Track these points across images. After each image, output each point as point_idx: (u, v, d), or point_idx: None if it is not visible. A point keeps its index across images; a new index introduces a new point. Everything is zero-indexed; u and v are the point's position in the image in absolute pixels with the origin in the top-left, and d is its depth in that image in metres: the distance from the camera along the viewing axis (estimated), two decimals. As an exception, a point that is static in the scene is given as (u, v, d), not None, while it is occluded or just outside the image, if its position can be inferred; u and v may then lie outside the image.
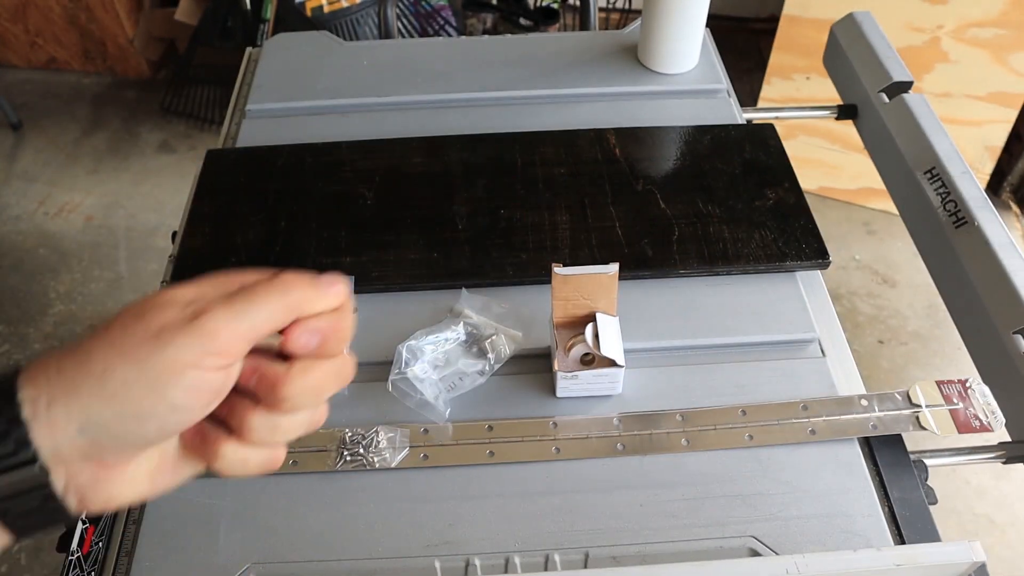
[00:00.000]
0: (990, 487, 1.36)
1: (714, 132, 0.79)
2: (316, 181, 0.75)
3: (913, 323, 1.63)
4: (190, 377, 0.27)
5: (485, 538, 0.52)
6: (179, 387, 0.27)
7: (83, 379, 0.27)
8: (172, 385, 0.27)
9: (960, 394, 0.57)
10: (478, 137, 0.79)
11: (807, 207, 0.71)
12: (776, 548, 0.51)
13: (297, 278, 0.30)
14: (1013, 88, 1.61)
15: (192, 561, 0.51)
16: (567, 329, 0.58)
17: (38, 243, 1.83)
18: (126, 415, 0.27)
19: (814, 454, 0.55)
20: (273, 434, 0.31)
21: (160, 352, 0.27)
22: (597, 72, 0.88)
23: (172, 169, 2.00)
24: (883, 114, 0.78)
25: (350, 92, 0.86)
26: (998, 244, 0.63)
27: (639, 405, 0.58)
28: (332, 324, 0.31)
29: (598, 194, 0.72)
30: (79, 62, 2.26)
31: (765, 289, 0.66)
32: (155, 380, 0.27)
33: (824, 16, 1.65)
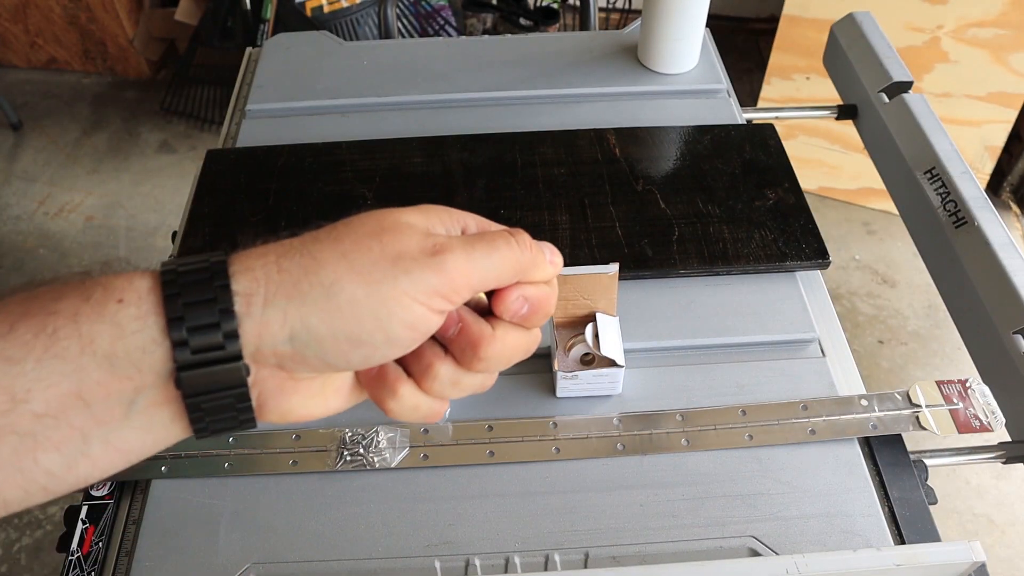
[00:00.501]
0: (990, 487, 1.36)
1: (714, 132, 0.79)
2: (316, 181, 0.75)
3: (913, 323, 1.63)
4: (416, 312, 0.26)
5: (485, 538, 0.52)
6: (403, 320, 0.26)
7: (309, 287, 0.25)
8: (397, 316, 0.26)
9: (960, 394, 0.57)
10: (478, 137, 0.79)
11: (807, 207, 0.71)
12: (776, 548, 0.51)
13: (530, 240, 0.29)
14: (1013, 88, 1.60)
15: (192, 561, 0.51)
16: (567, 329, 0.58)
17: (38, 243, 1.83)
18: (342, 335, 0.25)
19: (814, 454, 0.55)
20: (452, 388, 0.30)
21: (394, 279, 0.25)
22: (597, 72, 0.88)
23: (172, 169, 2.00)
24: (883, 114, 0.78)
25: (350, 92, 0.86)
26: (998, 244, 0.63)
27: (639, 405, 0.58)
28: (544, 296, 0.30)
29: (598, 194, 0.72)
30: (79, 62, 2.26)
31: (765, 289, 0.66)
32: (382, 306, 0.25)
33: (824, 16, 1.65)
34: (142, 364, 0.24)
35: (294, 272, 0.25)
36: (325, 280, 0.25)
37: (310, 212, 0.72)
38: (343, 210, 0.71)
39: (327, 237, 0.26)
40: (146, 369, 0.24)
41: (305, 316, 0.25)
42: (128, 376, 0.24)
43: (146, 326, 0.24)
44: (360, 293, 0.25)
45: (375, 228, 0.26)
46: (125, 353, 0.23)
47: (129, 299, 0.24)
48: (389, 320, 0.26)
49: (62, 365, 0.23)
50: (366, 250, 0.26)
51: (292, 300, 0.25)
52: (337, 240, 0.26)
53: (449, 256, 0.26)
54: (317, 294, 0.25)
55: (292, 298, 0.25)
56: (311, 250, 0.26)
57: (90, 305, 0.23)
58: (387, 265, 0.26)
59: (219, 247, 0.68)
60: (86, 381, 0.23)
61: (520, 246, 0.29)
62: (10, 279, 1.75)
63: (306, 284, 0.25)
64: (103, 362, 0.23)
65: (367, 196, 0.73)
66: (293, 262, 0.25)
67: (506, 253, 0.28)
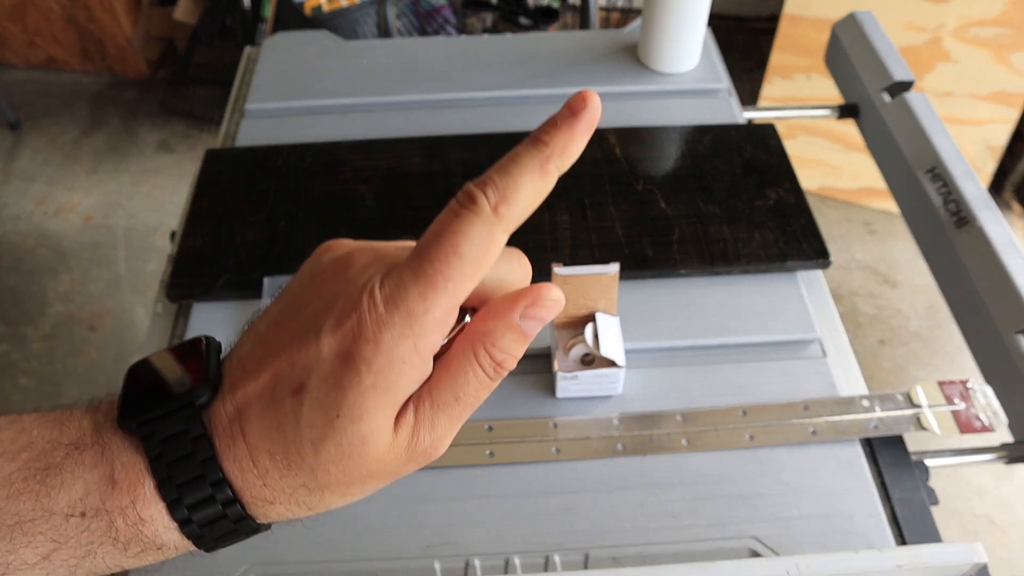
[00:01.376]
0: (991, 487, 1.36)
1: (714, 132, 0.79)
2: (316, 181, 0.75)
3: (914, 323, 1.63)
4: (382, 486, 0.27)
5: (485, 539, 0.52)
6: None
7: (305, 510, 0.27)
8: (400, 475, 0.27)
9: (962, 394, 0.57)
10: (478, 137, 0.78)
11: (807, 207, 0.71)
12: (777, 549, 0.51)
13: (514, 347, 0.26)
14: (1015, 87, 1.60)
15: (190, 561, 0.51)
16: (567, 329, 0.58)
17: (37, 243, 1.83)
18: None
19: (815, 454, 0.55)
20: None
21: (388, 482, 0.26)
22: (597, 72, 0.88)
23: (171, 169, 2.00)
24: (884, 113, 0.78)
25: (350, 92, 0.86)
26: (1000, 244, 0.63)
27: (639, 405, 0.58)
28: None
29: (598, 194, 0.72)
30: (78, 61, 2.25)
31: (766, 289, 0.66)
32: (387, 482, 0.27)
33: (825, 15, 1.65)
34: (163, 552, 0.27)
35: (302, 512, 0.27)
36: (325, 508, 0.27)
37: (310, 212, 0.72)
38: (343, 210, 0.72)
39: (318, 487, 0.25)
40: (168, 551, 0.27)
41: (305, 515, 0.27)
42: (149, 558, 0.27)
43: (184, 549, 0.27)
44: (356, 499, 0.27)
45: (360, 474, 0.25)
46: (152, 556, 0.27)
47: (168, 548, 0.26)
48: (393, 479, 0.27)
49: (92, 569, 0.26)
50: (360, 484, 0.26)
51: (295, 515, 0.27)
52: (331, 489, 0.26)
53: (439, 450, 0.26)
54: (319, 511, 0.27)
55: (295, 514, 0.27)
56: (314, 501, 0.26)
57: (129, 557, 0.26)
58: (387, 480, 0.26)
59: (218, 247, 0.69)
60: (110, 568, 0.26)
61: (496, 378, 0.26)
62: (9, 279, 1.75)
63: (308, 511, 0.27)
64: (132, 561, 0.26)
65: (367, 196, 0.73)
66: (299, 507, 0.26)
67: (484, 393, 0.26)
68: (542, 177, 0.26)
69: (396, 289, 0.24)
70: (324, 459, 0.24)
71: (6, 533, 0.24)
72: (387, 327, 0.23)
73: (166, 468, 0.25)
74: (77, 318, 1.67)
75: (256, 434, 0.25)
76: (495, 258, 0.25)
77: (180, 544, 0.26)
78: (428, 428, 0.25)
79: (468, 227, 0.24)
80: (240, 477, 0.25)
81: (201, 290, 0.66)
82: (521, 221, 0.25)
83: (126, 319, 1.66)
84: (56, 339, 1.63)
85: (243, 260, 0.68)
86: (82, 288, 1.73)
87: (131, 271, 1.76)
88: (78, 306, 1.69)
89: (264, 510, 0.26)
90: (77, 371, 1.57)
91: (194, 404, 0.25)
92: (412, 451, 0.25)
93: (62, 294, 1.72)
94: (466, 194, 0.25)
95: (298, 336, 0.25)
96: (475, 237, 0.24)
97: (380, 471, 0.25)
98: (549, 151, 0.26)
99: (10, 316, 1.67)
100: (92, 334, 1.64)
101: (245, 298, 0.66)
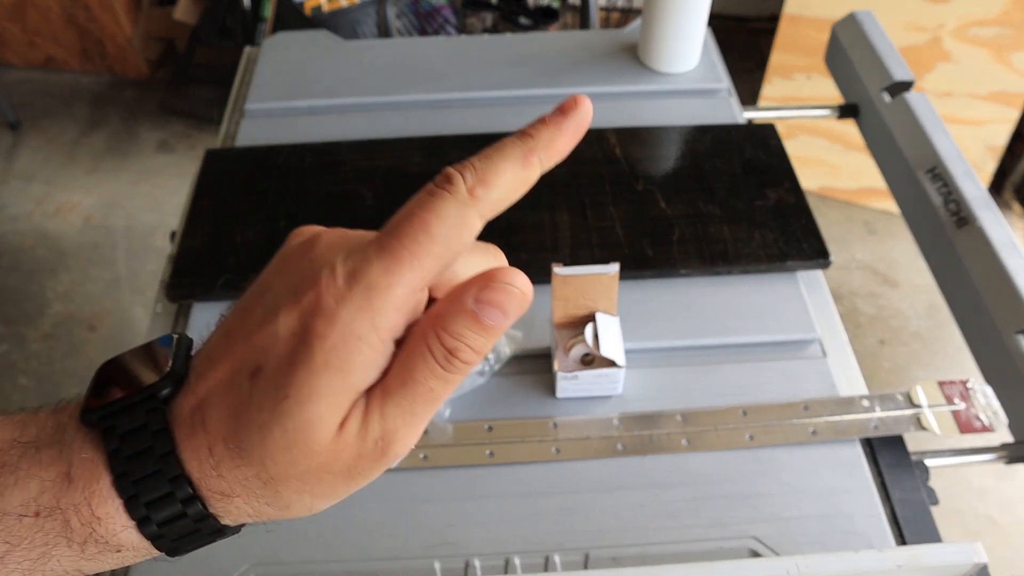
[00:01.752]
0: (992, 488, 1.36)
1: (715, 132, 0.79)
2: (316, 181, 0.75)
3: (915, 323, 1.63)
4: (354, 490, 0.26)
5: (485, 539, 0.52)
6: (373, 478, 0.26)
7: (288, 518, 0.26)
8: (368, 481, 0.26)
9: (962, 394, 0.57)
10: (478, 137, 0.78)
11: (808, 207, 0.71)
12: (777, 549, 0.51)
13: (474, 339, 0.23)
14: (1015, 87, 1.60)
15: (190, 562, 0.51)
16: (567, 329, 0.58)
17: (36, 243, 1.83)
18: None
19: (815, 454, 0.55)
20: None
21: (356, 485, 0.25)
22: (597, 72, 0.88)
23: (171, 169, 2.00)
24: (884, 113, 0.78)
25: (350, 91, 0.86)
26: (1000, 244, 0.62)
27: (639, 405, 0.58)
28: None
29: (598, 194, 0.72)
30: (77, 61, 2.25)
31: (766, 289, 0.66)
32: (351, 491, 0.25)
33: (825, 15, 1.65)
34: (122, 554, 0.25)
35: (267, 513, 0.25)
36: (300, 511, 0.26)
37: (310, 212, 0.72)
38: (343, 210, 0.71)
39: (271, 481, 0.24)
40: (127, 553, 0.25)
41: (273, 518, 0.26)
42: (109, 562, 0.25)
43: (146, 553, 0.26)
44: (333, 501, 0.26)
45: (309, 465, 0.24)
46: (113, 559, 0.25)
47: (126, 550, 0.25)
48: (360, 485, 0.26)
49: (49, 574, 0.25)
50: (318, 482, 0.24)
51: (260, 517, 0.26)
52: (285, 483, 0.24)
53: (395, 446, 0.24)
54: (286, 515, 0.26)
55: (259, 516, 0.26)
56: (271, 496, 0.25)
57: (86, 559, 0.25)
58: (344, 480, 0.25)
59: (218, 247, 0.69)
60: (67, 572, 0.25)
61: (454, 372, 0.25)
62: (8, 279, 1.75)
63: (285, 519, 0.26)
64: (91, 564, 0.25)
65: (367, 196, 0.73)
66: (264, 506, 0.25)
67: (443, 388, 0.25)
68: (524, 167, 0.25)
69: (359, 263, 0.23)
70: (271, 446, 0.23)
71: None
72: (345, 301, 0.22)
73: (123, 463, 0.24)
74: (76, 318, 1.67)
75: (214, 421, 0.24)
76: (467, 243, 0.24)
77: (139, 545, 0.25)
78: (377, 417, 0.23)
79: (441, 205, 0.23)
80: (198, 469, 0.24)
81: (201, 290, 0.66)
82: (498, 209, 0.24)
83: (126, 319, 1.66)
84: (55, 339, 1.63)
85: (243, 260, 0.68)
86: (81, 288, 1.73)
87: (131, 271, 1.76)
88: (77, 306, 1.69)
89: (224, 505, 0.25)
90: (77, 371, 1.57)
91: (156, 397, 0.24)
92: (362, 443, 0.23)
93: (61, 294, 1.71)
94: (443, 175, 0.24)
95: (259, 320, 0.24)
96: (447, 217, 0.23)
97: (330, 464, 0.24)
98: (534, 143, 0.25)
99: (9, 316, 1.67)
100: (92, 334, 1.63)
101: (245, 298, 0.66)
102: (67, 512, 0.23)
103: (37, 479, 0.24)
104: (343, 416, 0.23)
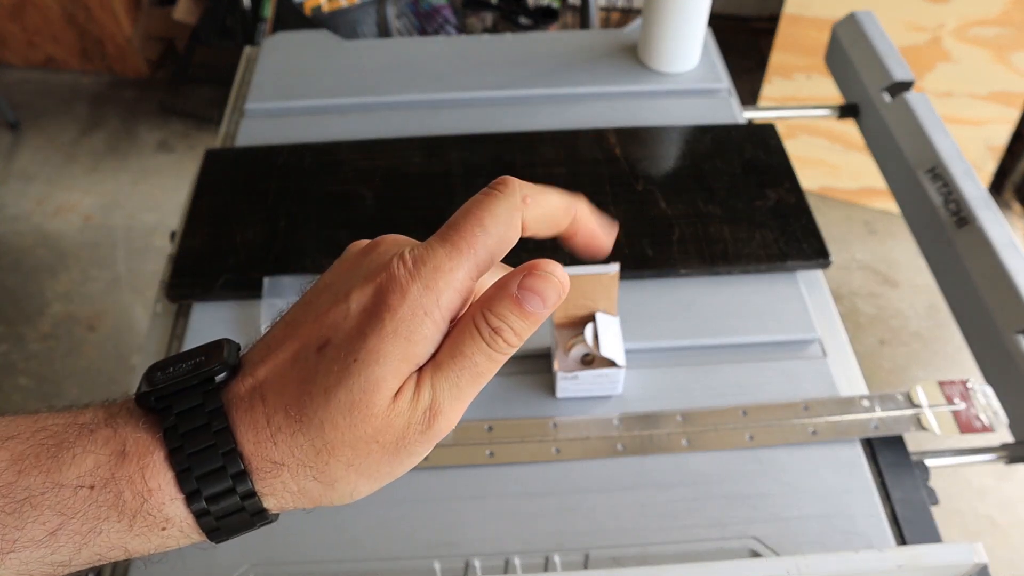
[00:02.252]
0: (992, 488, 1.36)
1: (715, 132, 0.79)
2: (316, 181, 0.75)
3: (915, 323, 1.63)
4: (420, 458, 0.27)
5: (485, 539, 0.52)
6: (412, 466, 0.27)
7: (329, 500, 0.27)
8: (405, 470, 0.27)
9: (962, 394, 0.57)
10: (478, 137, 0.78)
11: (808, 207, 0.71)
12: (777, 549, 0.51)
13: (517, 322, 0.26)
14: (1015, 87, 1.60)
15: (190, 562, 0.51)
16: (567, 329, 0.58)
17: (36, 243, 1.82)
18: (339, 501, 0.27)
19: (815, 455, 0.55)
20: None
21: (400, 465, 0.27)
22: (597, 71, 0.88)
23: (171, 169, 2.00)
24: (885, 113, 0.78)
25: (350, 92, 0.86)
26: (1000, 244, 0.62)
27: (639, 405, 0.58)
28: None
29: (598, 194, 0.72)
30: (77, 61, 2.25)
31: (765, 289, 0.66)
32: (394, 476, 0.27)
33: (825, 15, 1.65)
34: (167, 532, 0.26)
35: (313, 491, 0.26)
36: (343, 491, 0.27)
37: (310, 212, 0.72)
38: (343, 210, 0.71)
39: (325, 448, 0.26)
40: (172, 531, 0.26)
41: (314, 501, 0.27)
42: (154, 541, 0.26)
43: (191, 537, 0.27)
44: (376, 483, 0.27)
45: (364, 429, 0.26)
46: (168, 549, 0.27)
47: (172, 527, 0.26)
48: (400, 473, 0.27)
49: (108, 561, 0.26)
50: (367, 454, 0.26)
51: (316, 505, 0.27)
52: (337, 451, 0.26)
53: (441, 419, 0.26)
54: (337, 500, 0.27)
55: (315, 504, 0.27)
56: (319, 468, 0.26)
57: (134, 535, 0.25)
58: (391, 457, 0.26)
59: (218, 247, 0.69)
60: (114, 550, 0.26)
61: (499, 351, 0.27)
62: (8, 279, 1.75)
63: (326, 500, 0.27)
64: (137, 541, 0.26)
65: (367, 196, 0.73)
66: (308, 483, 0.26)
67: (488, 366, 0.27)
68: (566, 212, 0.28)
69: (425, 251, 0.26)
70: (333, 408, 0.25)
71: (15, 508, 0.24)
72: (415, 278, 0.25)
73: (179, 439, 0.25)
74: (76, 318, 1.67)
75: (275, 394, 0.26)
76: (512, 241, 0.27)
77: (185, 522, 0.26)
78: (428, 387, 0.26)
79: (495, 205, 0.26)
80: (252, 441, 0.25)
81: (201, 290, 0.66)
82: (540, 227, 0.28)
83: (125, 319, 1.66)
84: (55, 339, 1.63)
85: (243, 260, 0.68)
86: (81, 288, 1.73)
87: (130, 271, 1.76)
88: (77, 306, 1.69)
89: (270, 483, 0.26)
90: (76, 371, 1.57)
91: (212, 380, 0.26)
92: (413, 412, 0.26)
93: (61, 294, 1.71)
94: (501, 180, 0.27)
95: (329, 303, 0.26)
96: (500, 215, 0.26)
97: (382, 431, 0.25)
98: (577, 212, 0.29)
99: (9, 316, 1.67)
100: (91, 334, 1.63)
101: (245, 298, 0.66)
102: (120, 484, 0.25)
103: (93, 455, 0.25)
104: (401, 384, 0.25)
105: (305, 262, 0.67)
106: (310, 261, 0.68)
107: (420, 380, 0.26)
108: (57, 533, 0.24)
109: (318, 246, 0.69)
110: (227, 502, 0.25)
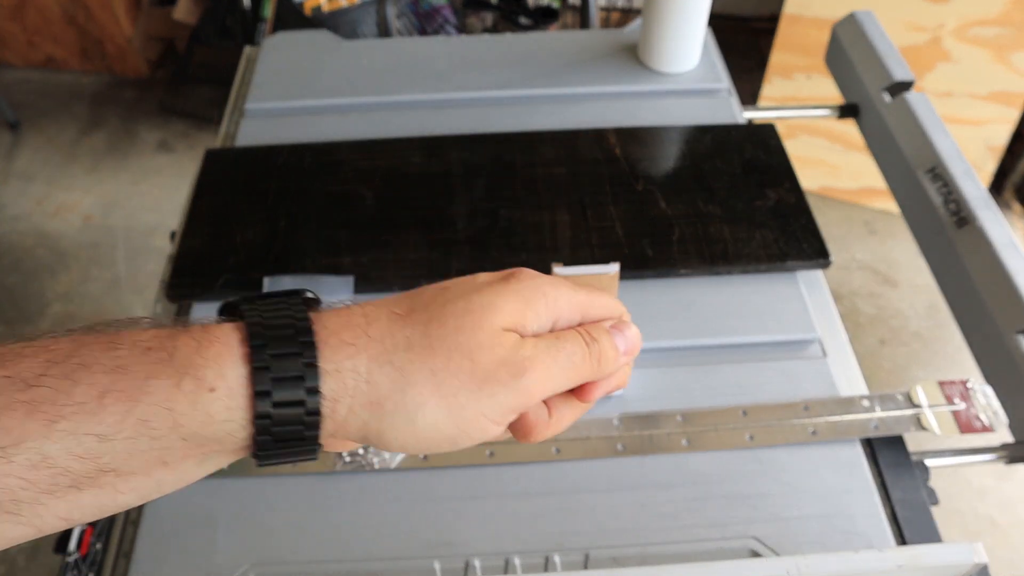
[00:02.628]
0: (992, 488, 1.36)
1: (715, 132, 0.79)
2: (316, 181, 0.75)
3: (915, 323, 1.63)
4: (488, 431, 0.28)
5: (485, 539, 0.52)
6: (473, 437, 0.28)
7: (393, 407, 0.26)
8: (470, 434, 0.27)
9: (962, 394, 0.57)
10: (478, 137, 0.78)
11: (808, 207, 0.71)
12: (777, 549, 0.51)
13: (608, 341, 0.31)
14: (1015, 87, 1.60)
15: (190, 562, 0.51)
16: (567, 329, 0.58)
17: (36, 243, 1.82)
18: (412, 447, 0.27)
19: (815, 455, 0.55)
20: None
21: (478, 403, 0.27)
22: (597, 71, 0.88)
23: (171, 169, 2.00)
24: (885, 113, 0.78)
25: (350, 91, 0.86)
26: (1000, 244, 0.62)
27: (639, 405, 0.58)
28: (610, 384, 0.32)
29: (598, 194, 0.72)
30: (77, 61, 2.25)
31: (766, 289, 0.66)
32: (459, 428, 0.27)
33: (825, 15, 1.65)
34: (226, 441, 0.26)
35: (382, 386, 0.26)
36: (410, 403, 0.26)
37: (310, 212, 0.72)
38: (343, 210, 0.71)
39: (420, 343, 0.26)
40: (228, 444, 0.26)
41: (383, 431, 0.27)
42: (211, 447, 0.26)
43: (235, 416, 0.25)
44: (441, 417, 0.27)
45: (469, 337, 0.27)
46: (212, 434, 0.25)
47: (220, 390, 0.25)
48: (461, 438, 0.28)
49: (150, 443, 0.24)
50: (456, 370, 0.26)
51: (374, 415, 0.26)
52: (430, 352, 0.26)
53: (532, 375, 0.27)
54: (400, 418, 0.26)
55: (374, 414, 0.26)
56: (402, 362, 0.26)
57: (182, 394, 0.24)
58: (474, 388, 0.27)
59: (218, 247, 0.69)
60: (170, 451, 0.25)
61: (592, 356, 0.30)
62: (8, 279, 1.75)
63: (391, 404, 0.26)
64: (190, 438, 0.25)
65: (367, 196, 0.73)
66: (383, 374, 0.26)
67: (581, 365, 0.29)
68: None
69: None
70: (449, 311, 0.27)
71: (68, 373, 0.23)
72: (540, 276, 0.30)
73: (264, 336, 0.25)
74: (76, 318, 1.67)
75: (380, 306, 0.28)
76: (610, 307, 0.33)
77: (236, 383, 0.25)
78: (531, 343, 0.28)
79: (615, 307, 0.33)
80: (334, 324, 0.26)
81: (201, 290, 0.66)
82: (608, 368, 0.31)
83: (126, 319, 1.66)
84: (56, 339, 1.62)
85: (243, 260, 0.68)
86: (81, 288, 1.73)
87: (130, 271, 1.76)
88: (77, 306, 1.69)
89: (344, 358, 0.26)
90: (77, 371, 1.57)
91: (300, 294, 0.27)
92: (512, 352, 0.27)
93: (61, 294, 1.71)
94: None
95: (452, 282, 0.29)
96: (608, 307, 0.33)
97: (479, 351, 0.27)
98: None
99: (9, 316, 1.67)
100: (92, 334, 1.63)
101: (245, 298, 0.66)
102: (178, 339, 0.25)
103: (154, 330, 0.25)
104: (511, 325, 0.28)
105: (305, 262, 0.67)
106: (310, 261, 0.68)
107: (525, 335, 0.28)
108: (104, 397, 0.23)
109: (318, 246, 0.69)
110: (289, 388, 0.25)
